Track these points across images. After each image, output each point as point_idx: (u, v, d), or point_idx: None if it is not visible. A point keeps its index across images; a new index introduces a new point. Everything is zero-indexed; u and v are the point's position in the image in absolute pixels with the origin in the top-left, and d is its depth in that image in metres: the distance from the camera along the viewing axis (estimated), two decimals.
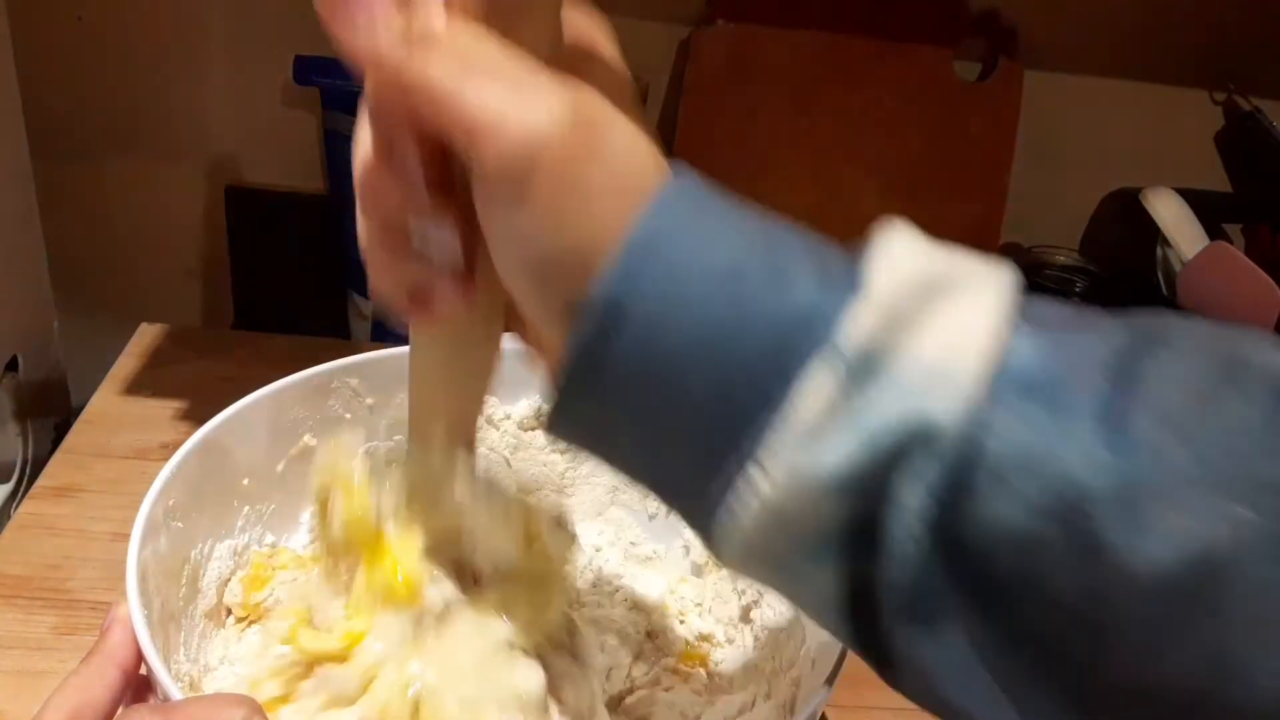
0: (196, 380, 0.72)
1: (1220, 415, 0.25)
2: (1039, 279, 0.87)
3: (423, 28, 0.26)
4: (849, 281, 0.25)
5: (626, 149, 0.26)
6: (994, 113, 0.85)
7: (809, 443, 0.24)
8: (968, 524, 0.24)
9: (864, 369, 0.24)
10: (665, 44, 0.84)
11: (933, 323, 0.25)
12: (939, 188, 0.85)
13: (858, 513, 0.25)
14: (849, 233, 0.27)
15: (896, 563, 0.25)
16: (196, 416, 0.68)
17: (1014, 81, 0.85)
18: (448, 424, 0.35)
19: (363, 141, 0.29)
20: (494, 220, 0.27)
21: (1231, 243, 0.86)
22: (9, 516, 0.61)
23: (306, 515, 0.48)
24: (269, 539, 0.47)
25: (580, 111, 0.26)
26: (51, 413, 0.80)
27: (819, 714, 0.34)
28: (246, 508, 0.45)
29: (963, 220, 0.85)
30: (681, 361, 0.25)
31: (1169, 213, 0.85)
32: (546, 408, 0.28)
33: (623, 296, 0.25)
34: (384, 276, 0.30)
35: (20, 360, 0.75)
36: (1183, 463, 0.24)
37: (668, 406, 0.26)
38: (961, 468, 0.24)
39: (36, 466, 0.70)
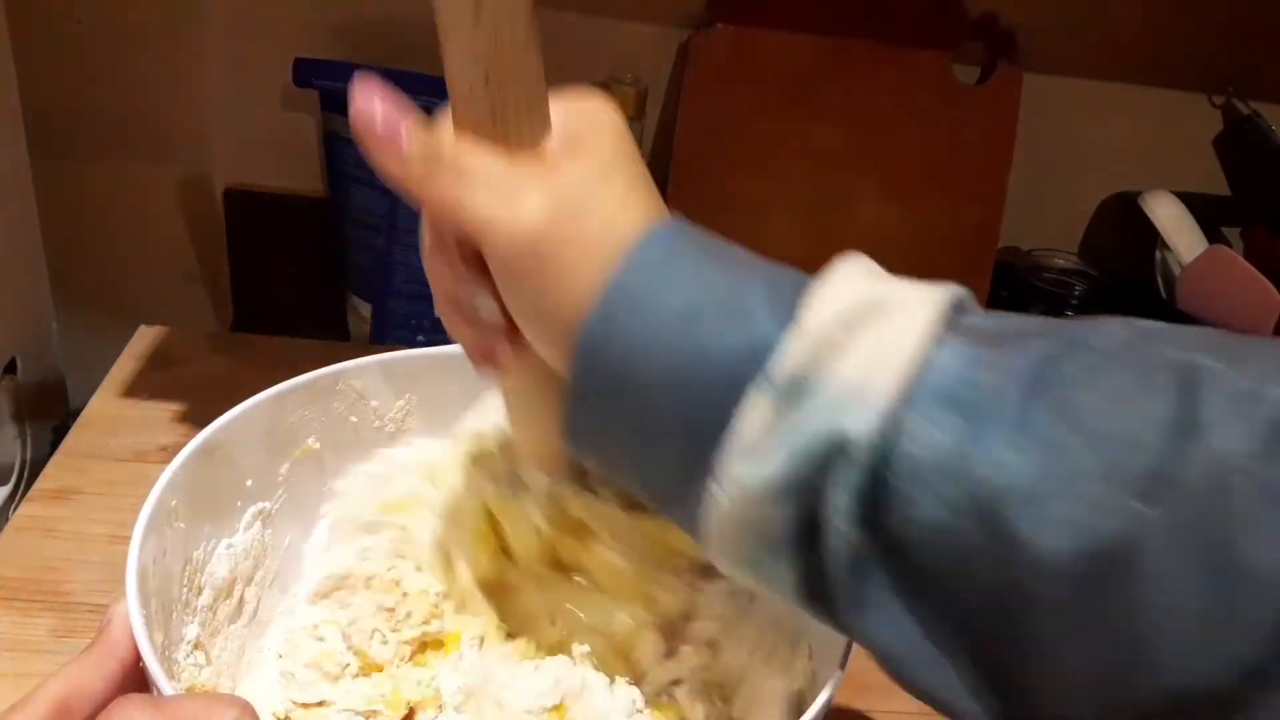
0: (195, 383, 0.72)
1: (1128, 411, 0.26)
2: (1037, 282, 0.87)
3: (434, 148, 0.33)
4: (797, 310, 0.29)
5: (600, 227, 0.32)
6: (993, 116, 0.85)
7: (750, 458, 0.29)
8: (891, 521, 0.28)
9: (794, 391, 0.28)
10: (665, 46, 0.84)
11: (857, 345, 0.28)
12: (938, 191, 0.85)
13: (800, 515, 0.29)
14: (848, 234, 0.28)
15: (834, 556, 0.28)
16: (195, 419, 0.68)
17: (1013, 85, 0.85)
18: (540, 451, 0.42)
19: (425, 232, 0.36)
20: (504, 292, 0.33)
21: (1230, 246, 0.87)
22: (7, 519, 0.61)
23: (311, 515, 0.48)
24: (270, 539, 0.47)
25: (557, 204, 0.32)
26: (50, 415, 0.80)
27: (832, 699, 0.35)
28: (250, 509, 0.45)
29: (961, 223, 0.86)
30: (652, 394, 0.31)
31: (1168, 216, 0.86)
32: (560, 423, 0.34)
33: (600, 340, 0.31)
34: (456, 335, 0.37)
35: (19, 362, 0.75)
36: (1084, 459, 0.26)
37: (647, 431, 0.31)
38: (879, 471, 0.27)
39: (35, 469, 0.70)
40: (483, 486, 0.45)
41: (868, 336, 0.28)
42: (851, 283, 0.30)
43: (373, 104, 0.33)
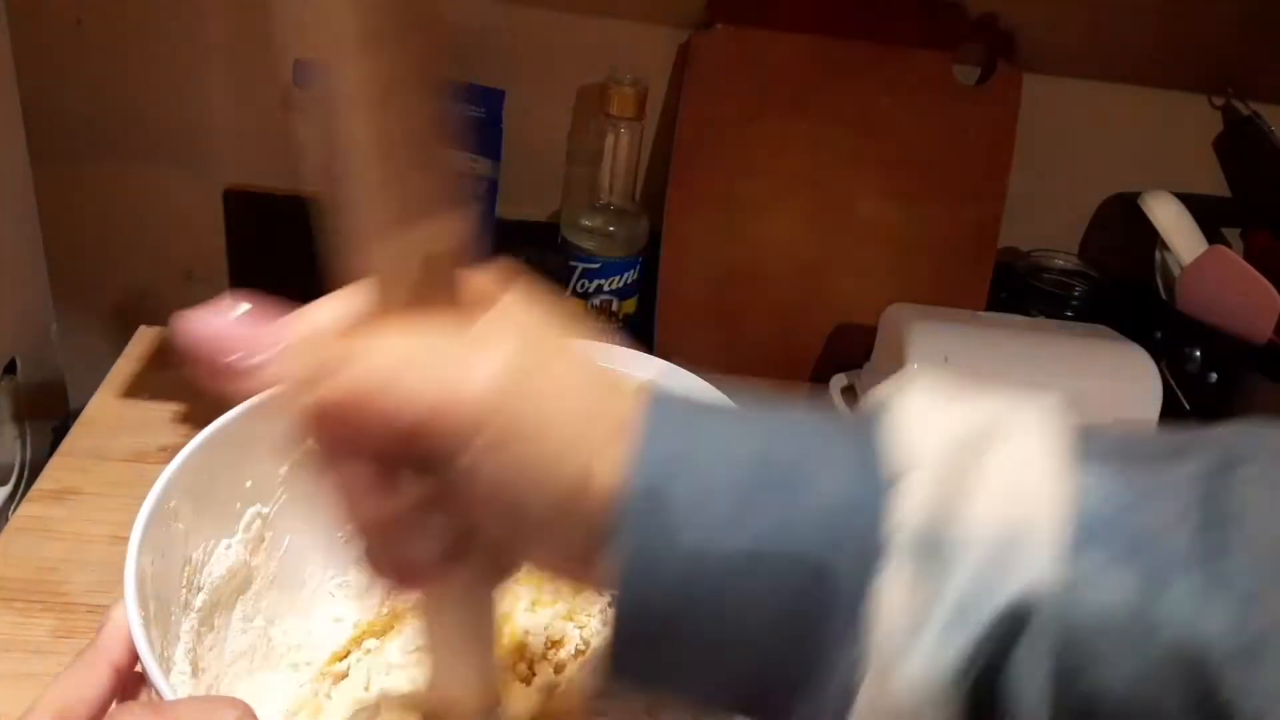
0: (194, 383, 0.72)
1: None
2: (1037, 283, 0.87)
3: (335, 344, 0.27)
4: (877, 458, 0.24)
5: (574, 382, 0.26)
6: (993, 116, 0.85)
7: (910, 643, 0.24)
8: (1090, 697, 0.23)
9: (931, 553, 0.24)
10: (666, 47, 0.84)
11: (984, 484, 0.24)
12: (938, 191, 0.85)
13: (976, 705, 0.24)
14: (848, 234, 0.27)
15: None
16: (195, 420, 0.68)
17: (1013, 85, 0.85)
18: (470, 691, 0.35)
19: (325, 473, 0.28)
20: (483, 487, 0.26)
21: (1230, 247, 0.87)
22: (7, 519, 0.61)
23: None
24: (270, 540, 0.47)
25: (514, 361, 0.26)
26: (50, 415, 0.80)
27: None
28: (250, 510, 0.45)
29: (961, 224, 0.86)
30: (734, 588, 0.24)
31: (1168, 217, 0.85)
32: (603, 663, 0.27)
33: (649, 536, 0.25)
34: (378, 565, 0.30)
35: (19, 362, 0.75)
36: None
37: (729, 636, 0.25)
38: (1070, 639, 0.23)
39: (34, 469, 0.70)
40: None
41: (993, 472, 0.24)
42: (936, 409, 0.25)
43: (214, 324, 0.28)
